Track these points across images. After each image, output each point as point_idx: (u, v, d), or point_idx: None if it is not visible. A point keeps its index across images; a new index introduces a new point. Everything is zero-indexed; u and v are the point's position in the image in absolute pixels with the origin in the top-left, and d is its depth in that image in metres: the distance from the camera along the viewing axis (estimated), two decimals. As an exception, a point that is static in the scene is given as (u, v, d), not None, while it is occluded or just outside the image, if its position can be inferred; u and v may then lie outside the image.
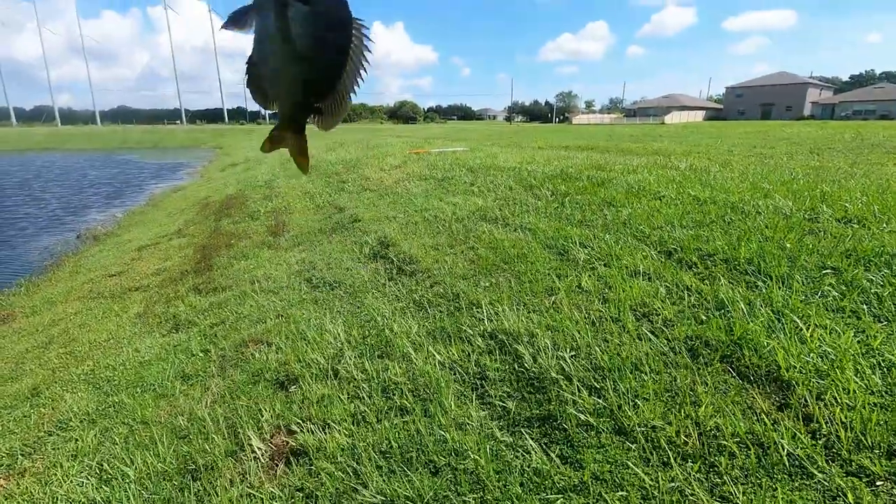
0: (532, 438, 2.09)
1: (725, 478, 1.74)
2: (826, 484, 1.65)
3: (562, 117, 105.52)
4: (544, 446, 2.05)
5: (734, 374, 2.22)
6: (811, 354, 2.21)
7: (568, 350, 2.57)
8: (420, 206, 6.51)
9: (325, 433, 2.39)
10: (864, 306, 2.55)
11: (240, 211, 8.94)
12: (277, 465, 2.30)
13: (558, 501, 1.80)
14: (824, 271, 2.92)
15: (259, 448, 2.39)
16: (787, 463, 1.74)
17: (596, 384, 2.31)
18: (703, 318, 2.65)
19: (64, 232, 11.81)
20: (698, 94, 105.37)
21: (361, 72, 0.91)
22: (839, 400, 1.94)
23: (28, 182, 22.45)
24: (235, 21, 0.91)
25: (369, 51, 0.89)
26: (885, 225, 3.58)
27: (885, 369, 2.08)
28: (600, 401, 2.19)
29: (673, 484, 1.76)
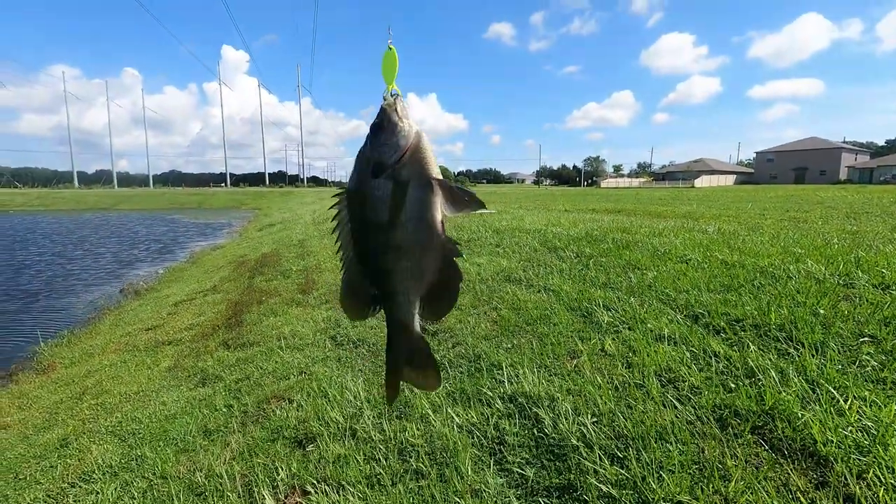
0: (550, 509, 2.00)
1: (759, 562, 1.62)
2: (872, 574, 1.51)
3: (590, 181, 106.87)
4: (563, 518, 1.96)
5: (766, 448, 2.10)
6: (850, 428, 2.08)
7: (589, 416, 2.50)
8: (445, 266, 6.61)
9: (339, 495, 2.35)
10: (908, 378, 2.41)
11: (273, 269, 9.26)
12: (289, 528, 2.26)
13: (577, 580, 1.69)
14: (861, 339, 2.79)
15: (272, 508, 2.36)
16: (827, 548, 1.61)
17: (619, 453, 2.22)
18: (733, 386, 2.55)
19: (116, 282, 12.53)
20: (727, 159, 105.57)
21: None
22: (883, 479, 1.80)
23: (86, 238, 24.11)
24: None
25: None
26: (927, 292, 3.42)
27: (933, 447, 1.94)
28: (623, 471, 2.10)
29: (701, 566, 1.64)
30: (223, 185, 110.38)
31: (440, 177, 0.83)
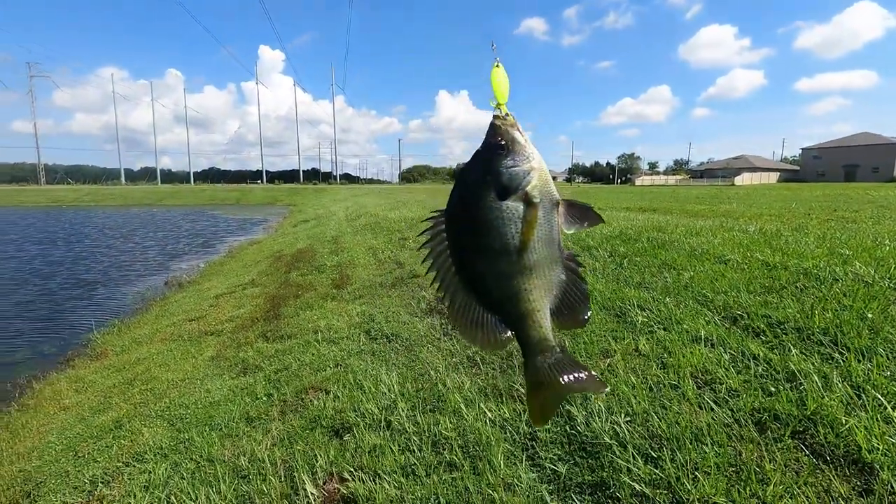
0: (583, 505, 2.03)
1: (797, 567, 1.60)
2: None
3: (624, 178, 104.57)
4: (596, 515, 1.98)
5: (807, 453, 2.06)
6: (898, 436, 2.01)
7: (623, 415, 2.50)
8: (477, 263, 6.66)
9: (376, 483, 2.43)
10: (963, 386, 2.31)
11: (308, 264, 9.52)
12: (328, 512, 2.36)
13: (609, 575, 1.72)
14: (913, 345, 2.68)
15: (312, 493, 2.47)
16: (870, 556, 1.58)
17: (652, 453, 2.22)
18: (772, 389, 2.50)
19: (165, 273, 13.29)
20: (771, 156, 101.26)
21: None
22: (932, 489, 1.75)
23: (134, 232, 25.42)
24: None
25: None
26: None
27: None
28: (657, 471, 2.10)
29: (737, 568, 1.64)
30: (259, 181, 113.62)
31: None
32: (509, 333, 0.87)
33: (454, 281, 0.85)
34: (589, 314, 0.87)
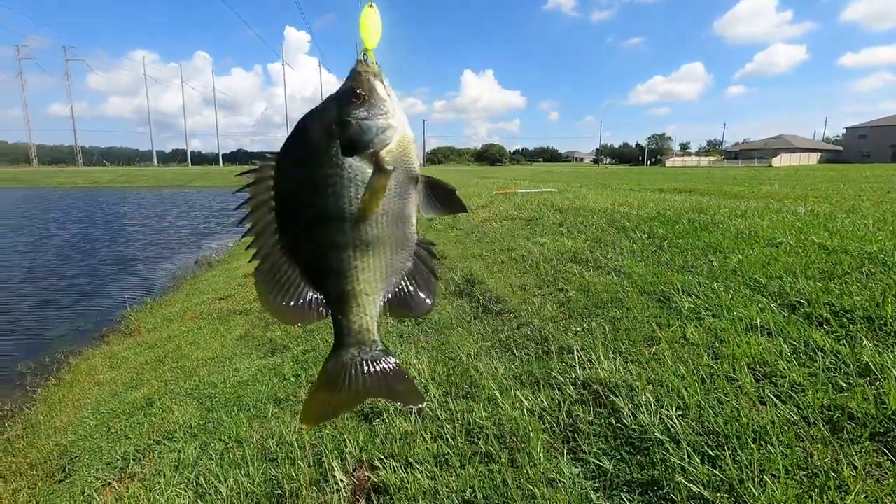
0: (634, 506, 1.86)
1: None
2: None
3: (654, 160, 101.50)
4: (649, 517, 1.81)
5: (891, 458, 1.84)
6: None
7: (674, 409, 2.30)
8: (507, 245, 6.46)
9: (408, 472, 2.32)
10: None
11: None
12: (359, 501, 2.26)
13: (668, 587, 1.55)
14: None
15: (342, 480, 2.37)
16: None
17: (709, 451, 2.02)
18: (843, 385, 2.26)
19: (197, 251, 13.58)
20: (811, 135, 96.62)
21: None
22: None
23: (167, 211, 26.11)
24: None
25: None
26: None
27: None
28: (716, 472, 1.91)
29: (817, 587, 1.45)
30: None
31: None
32: (324, 313, 0.74)
33: (272, 239, 0.71)
34: (429, 310, 0.77)
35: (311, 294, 0.73)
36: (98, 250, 14.36)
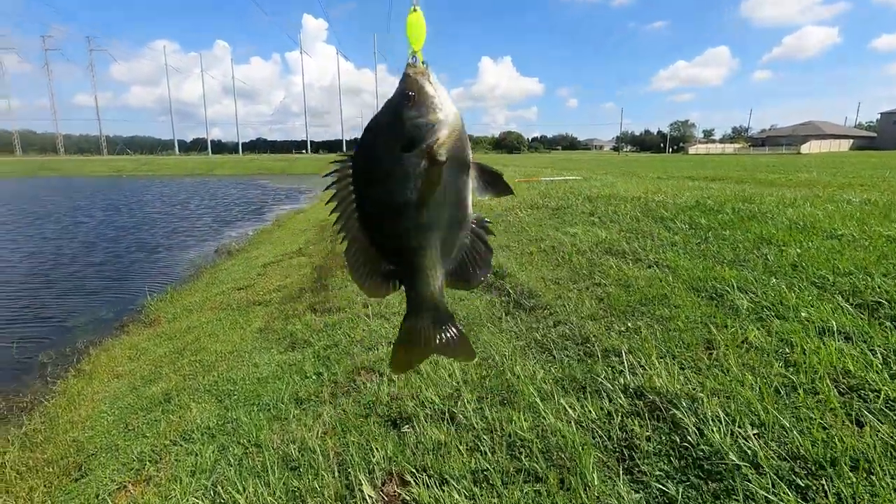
0: (713, 546, 1.60)
1: None
2: None
3: (676, 147, 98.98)
4: (732, 560, 1.54)
5: None
6: None
7: (749, 426, 2.02)
8: (534, 235, 6.16)
9: (443, 490, 2.08)
10: None
11: (354, 234, 9.28)
12: (390, 522, 2.04)
13: None
14: None
15: (370, 496, 2.15)
16: None
17: (799, 481, 1.74)
18: (951, 402, 1.94)
19: (219, 239, 13.60)
20: (843, 121, 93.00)
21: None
22: None
23: (189, 199, 26.39)
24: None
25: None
26: None
27: None
28: (810, 507, 1.63)
29: None
30: (304, 151, 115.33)
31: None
32: (398, 285, 0.86)
33: (354, 226, 0.82)
34: (483, 280, 0.87)
35: (387, 269, 0.85)
36: (123, 237, 14.49)
